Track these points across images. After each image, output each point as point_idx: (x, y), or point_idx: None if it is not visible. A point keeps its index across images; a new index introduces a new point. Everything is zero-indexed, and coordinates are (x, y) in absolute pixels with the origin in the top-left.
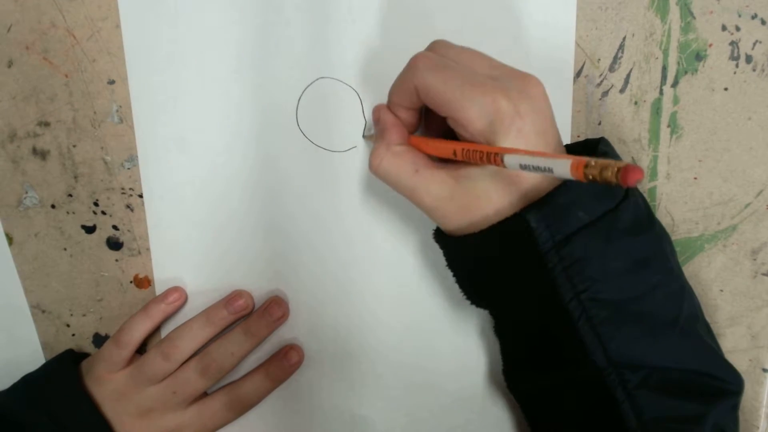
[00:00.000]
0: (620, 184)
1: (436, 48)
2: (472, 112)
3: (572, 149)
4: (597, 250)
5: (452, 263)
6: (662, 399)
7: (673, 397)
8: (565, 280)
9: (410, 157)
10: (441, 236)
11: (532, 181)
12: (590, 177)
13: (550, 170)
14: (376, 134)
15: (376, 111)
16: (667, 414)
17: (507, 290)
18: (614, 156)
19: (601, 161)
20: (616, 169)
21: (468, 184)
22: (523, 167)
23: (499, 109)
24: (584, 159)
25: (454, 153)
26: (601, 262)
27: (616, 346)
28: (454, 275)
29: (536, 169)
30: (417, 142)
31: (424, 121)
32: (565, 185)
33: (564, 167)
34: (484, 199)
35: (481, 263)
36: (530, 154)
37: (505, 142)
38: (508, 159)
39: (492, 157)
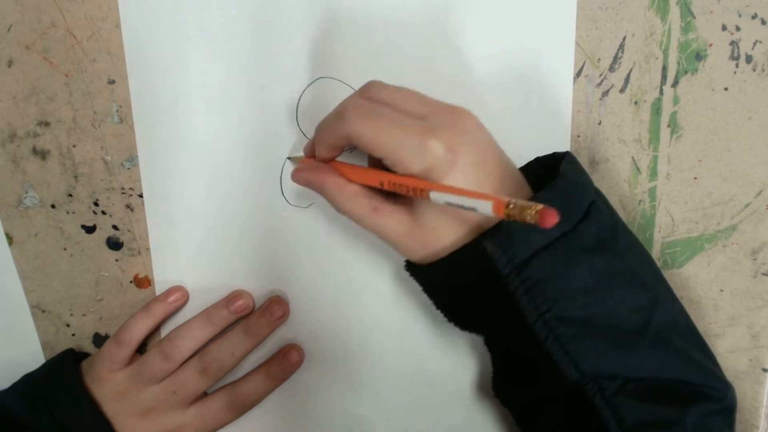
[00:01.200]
0: (538, 226)
1: (368, 89)
2: (404, 155)
3: (542, 161)
4: (557, 271)
5: (426, 291)
6: (641, 405)
7: (652, 402)
8: (528, 301)
9: (365, 196)
10: (410, 266)
11: None
12: (511, 217)
13: (474, 209)
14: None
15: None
16: (648, 419)
17: (478, 314)
18: (575, 174)
19: (521, 203)
20: (534, 212)
21: (422, 219)
22: (450, 204)
23: (430, 148)
24: (504, 200)
25: (381, 184)
26: (563, 282)
27: (586, 361)
28: (431, 300)
29: (461, 206)
30: (345, 170)
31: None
32: None
33: (486, 207)
34: (439, 231)
35: (450, 290)
36: (454, 192)
37: (436, 176)
38: (434, 195)
39: (418, 191)
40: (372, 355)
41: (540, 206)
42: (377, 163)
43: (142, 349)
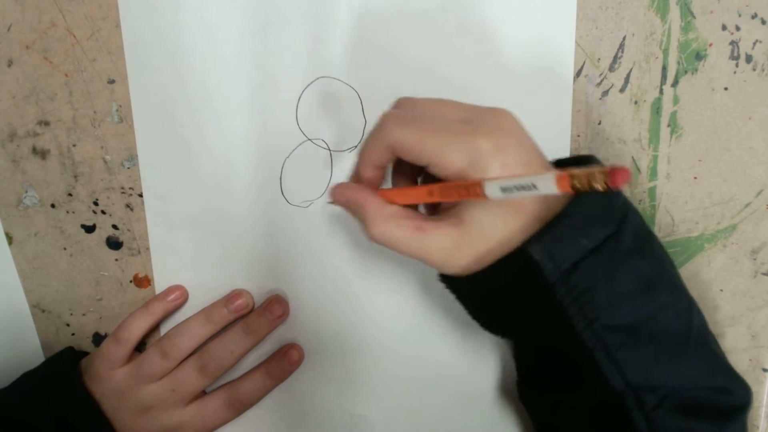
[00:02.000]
0: (609, 189)
1: (402, 104)
2: (451, 156)
3: (562, 165)
4: (604, 276)
5: (461, 299)
6: (678, 421)
7: (689, 417)
8: (577, 310)
9: (407, 216)
10: (446, 277)
11: (530, 211)
12: (577, 187)
13: (534, 187)
14: (353, 212)
15: (339, 194)
16: None
17: (518, 321)
18: None
19: (586, 170)
20: (602, 174)
21: (472, 228)
22: (505, 190)
23: (479, 148)
24: (568, 171)
25: (431, 193)
26: (610, 288)
27: (633, 370)
28: (464, 308)
29: (520, 189)
30: (389, 194)
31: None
32: (564, 214)
33: (548, 182)
34: (488, 238)
35: (490, 297)
36: (510, 177)
37: (490, 176)
38: (489, 186)
39: (472, 189)
40: (372, 355)
41: (606, 168)
42: (407, 179)
43: (141, 348)
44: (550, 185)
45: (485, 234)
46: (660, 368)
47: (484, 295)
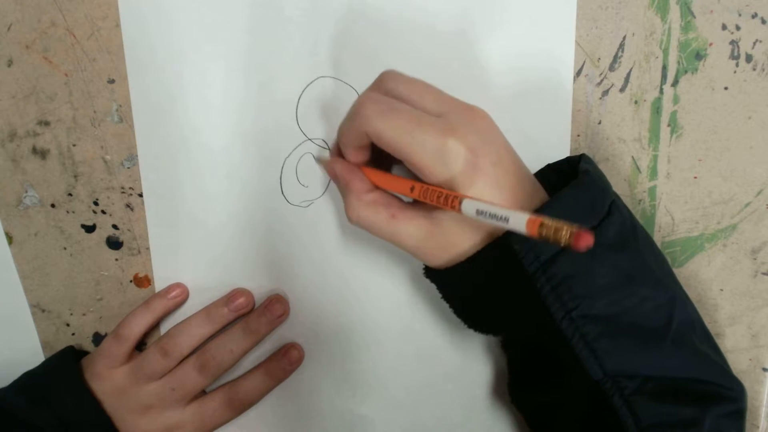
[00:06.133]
0: (571, 248)
1: (385, 81)
2: (424, 155)
3: (555, 167)
4: (583, 268)
5: (445, 295)
6: (659, 405)
7: (670, 402)
8: (555, 299)
9: (384, 204)
10: (429, 271)
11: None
12: (543, 235)
13: (506, 220)
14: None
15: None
16: (665, 420)
17: (500, 314)
18: (596, 172)
19: (555, 223)
20: (568, 234)
21: (442, 225)
22: (480, 213)
23: (450, 148)
24: (540, 218)
25: (412, 190)
26: (589, 279)
27: (610, 359)
28: (449, 306)
29: (492, 217)
30: (374, 176)
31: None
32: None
33: (520, 222)
34: (459, 237)
35: (472, 292)
36: (488, 203)
37: (460, 179)
38: (466, 205)
39: (450, 200)
40: (372, 354)
41: (574, 228)
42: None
43: (141, 348)
44: (520, 224)
45: (452, 231)
46: (637, 359)
47: (468, 288)
